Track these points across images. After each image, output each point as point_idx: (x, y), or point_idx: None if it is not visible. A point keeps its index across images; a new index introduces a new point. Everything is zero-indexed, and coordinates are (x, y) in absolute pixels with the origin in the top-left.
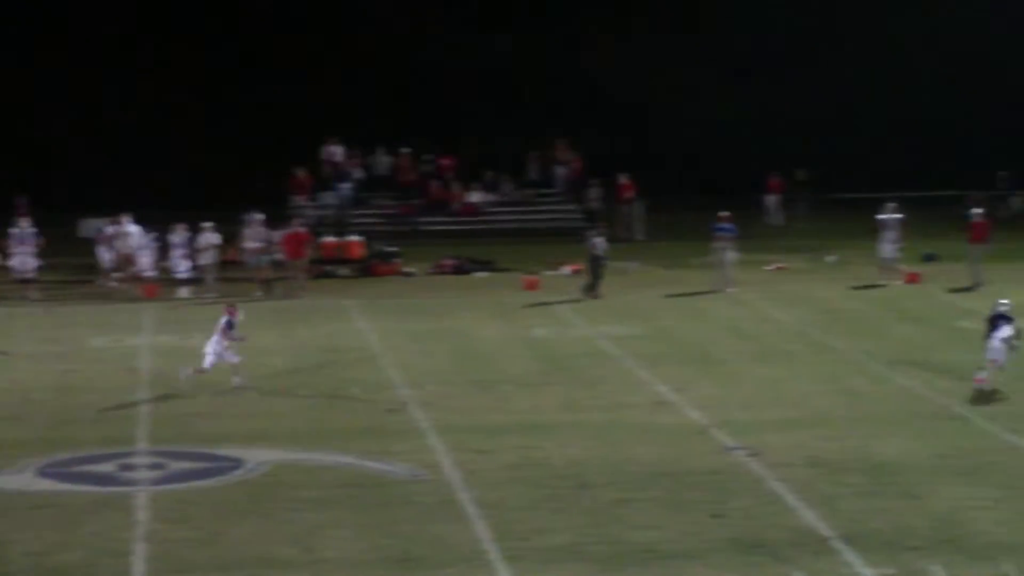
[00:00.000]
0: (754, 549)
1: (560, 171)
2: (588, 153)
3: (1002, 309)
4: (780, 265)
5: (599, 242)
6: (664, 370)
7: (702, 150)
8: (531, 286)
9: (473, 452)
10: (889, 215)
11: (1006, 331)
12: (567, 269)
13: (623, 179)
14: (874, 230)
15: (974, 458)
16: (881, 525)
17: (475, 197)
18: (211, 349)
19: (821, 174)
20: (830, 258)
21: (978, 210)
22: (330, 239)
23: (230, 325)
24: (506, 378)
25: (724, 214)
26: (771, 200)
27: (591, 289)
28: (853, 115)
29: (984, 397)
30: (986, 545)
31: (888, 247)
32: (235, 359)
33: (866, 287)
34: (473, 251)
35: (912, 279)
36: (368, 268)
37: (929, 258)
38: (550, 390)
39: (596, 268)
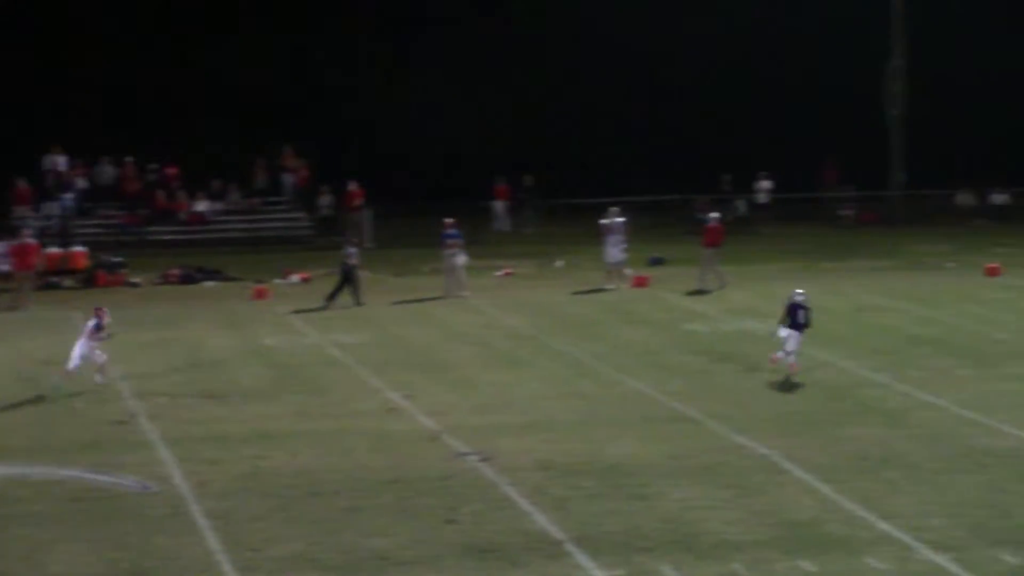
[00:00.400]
0: (487, 554)
1: (288, 179)
2: (316, 160)
3: (799, 299)
4: (508, 270)
5: (352, 252)
6: (395, 377)
7: (429, 156)
8: (260, 295)
9: (204, 463)
10: (612, 219)
11: (801, 318)
12: (296, 277)
13: (352, 186)
14: (599, 234)
15: (703, 459)
16: (613, 527)
17: (202, 206)
18: (77, 351)
19: (548, 180)
20: (558, 263)
21: (714, 214)
22: (54, 250)
23: (98, 327)
24: (237, 388)
25: (449, 220)
26: (499, 206)
27: (332, 298)
28: (581, 121)
29: (715, 399)
30: (715, 544)
31: (614, 251)
32: (102, 358)
33: (594, 291)
34: (201, 260)
35: (639, 283)
36: (92, 278)
37: (656, 262)
38: (281, 399)
39: (349, 277)
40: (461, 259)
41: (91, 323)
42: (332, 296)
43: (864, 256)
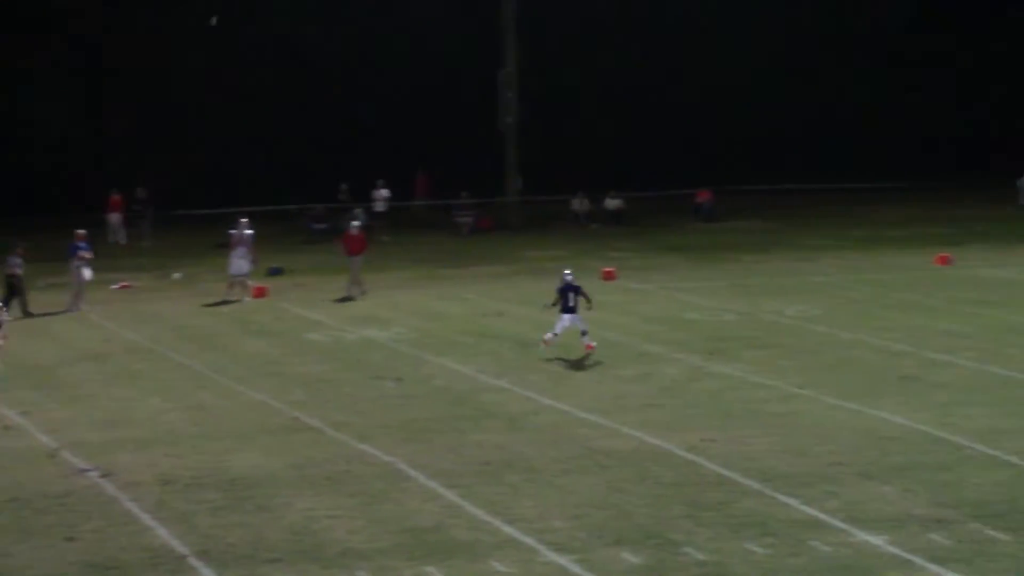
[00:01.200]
0: (109, 571)
1: None
2: None
3: (568, 279)
4: (126, 283)
5: (16, 261)
6: (11, 394)
7: (40, 168)
8: None
9: None
10: (242, 231)
11: (572, 300)
12: None
13: None
14: (225, 245)
15: (327, 468)
16: (237, 539)
17: None
18: None
19: (159, 191)
20: (176, 275)
21: (356, 222)
22: None
23: None
24: None
25: (81, 232)
26: (113, 218)
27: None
28: (207, 131)
29: (337, 408)
30: (341, 553)
31: (240, 262)
32: None
33: (215, 303)
34: None
35: (259, 293)
36: None
37: (275, 272)
38: None
39: (13, 287)
40: (87, 273)
41: None
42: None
43: (483, 262)
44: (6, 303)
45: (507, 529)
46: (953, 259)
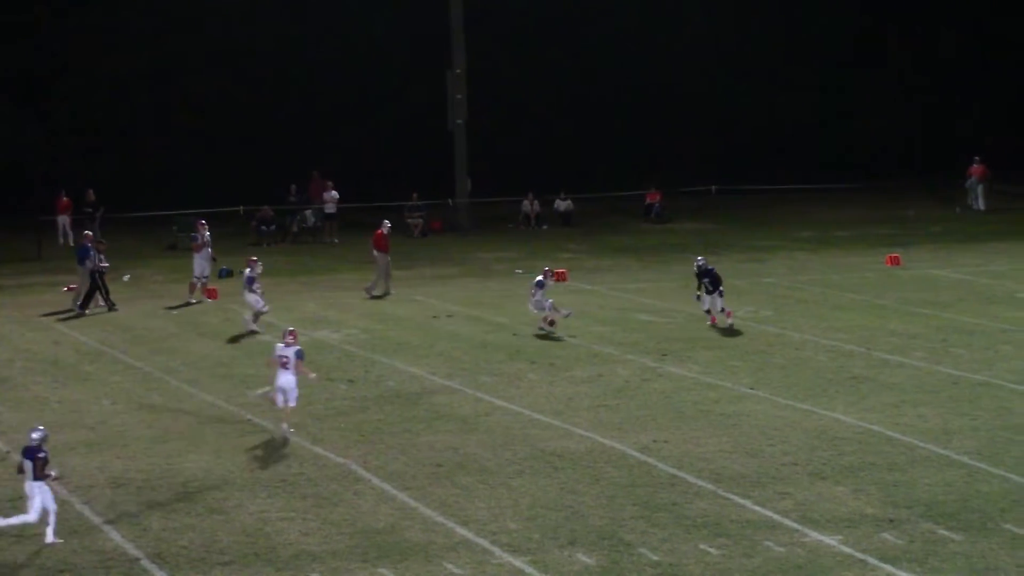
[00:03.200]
0: (61, 574)
1: None
2: None
3: (539, 278)
4: (73, 286)
5: None
6: None
7: None
8: None
9: None
10: (203, 233)
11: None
12: None
13: None
14: (174, 247)
15: (280, 470)
16: (190, 542)
17: None
18: None
19: (108, 193)
20: (125, 277)
21: (387, 222)
22: None
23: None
24: None
25: (88, 233)
26: (62, 220)
27: None
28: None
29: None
30: (295, 555)
31: (204, 264)
32: None
33: (171, 306)
34: None
35: (210, 295)
36: None
37: (225, 274)
38: None
39: None
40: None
41: None
42: None
43: (434, 264)
44: None
45: (461, 531)
46: (903, 260)
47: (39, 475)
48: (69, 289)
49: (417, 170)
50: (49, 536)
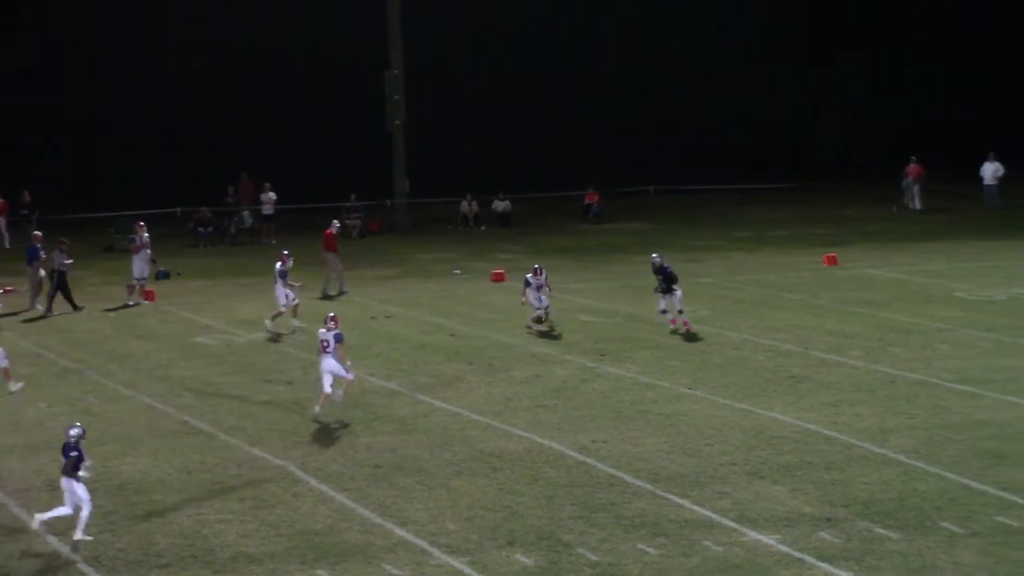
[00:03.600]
0: None
1: None
2: None
3: (530, 279)
4: (10, 288)
5: None
6: None
7: None
8: None
9: None
10: (142, 234)
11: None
12: None
13: None
14: (111, 249)
15: (217, 472)
16: (127, 545)
17: None
18: None
19: (45, 195)
20: None
21: (336, 222)
22: None
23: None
24: None
25: (37, 234)
26: None
27: None
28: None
29: (228, 412)
30: (233, 557)
31: (142, 266)
32: None
33: (109, 309)
34: None
35: (147, 296)
36: None
37: (162, 276)
38: None
39: None
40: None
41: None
42: None
43: (372, 265)
44: None
45: (399, 532)
46: (840, 259)
47: (70, 473)
48: (6, 291)
49: (355, 171)
50: (78, 532)
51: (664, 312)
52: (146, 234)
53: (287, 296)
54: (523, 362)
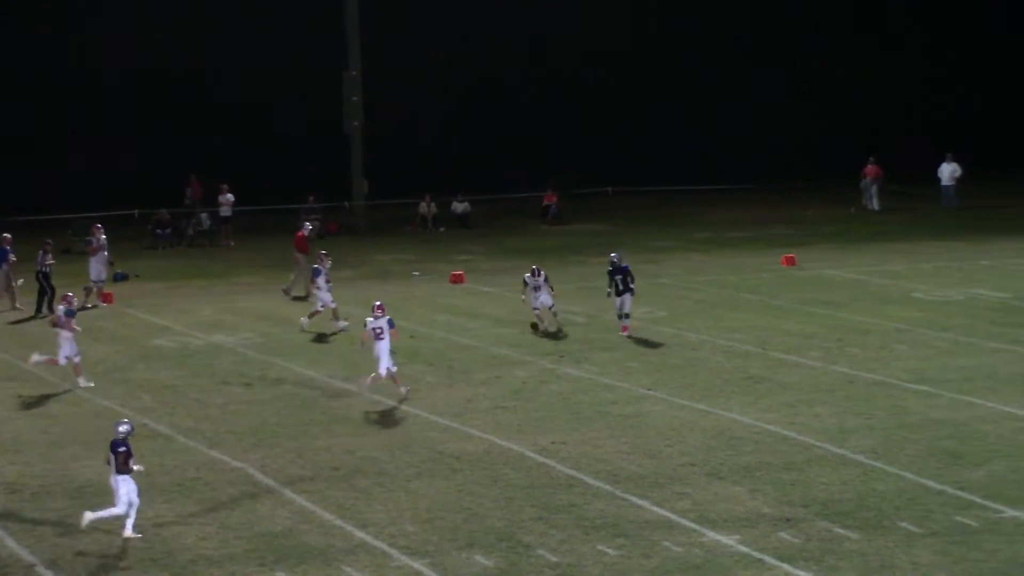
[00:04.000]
0: None
1: None
2: None
3: (526, 274)
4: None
5: None
6: None
7: None
8: None
9: None
10: (100, 237)
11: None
12: None
13: None
14: (68, 251)
15: (176, 475)
16: (86, 548)
17: None
18: None
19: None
20: (19, 281)
21: (307, 224)
22: None
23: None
24: None
25: (7, 236)
26: None
27: None
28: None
29: (186, 414)
30: (192, 560)
31: (100, 268)
32: None
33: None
34: None
35: (105, 299)
36: None
37: (120, 278)
38: None
39: None
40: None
41: None
42: None
43: (331, 266)
44: None
45: (359, 534)
46: (798, 260)
47: (121, 469)
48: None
49: (314, 173)
50: (128, 530)
51: (620, 317)
52: (103, 236)
53: (325, 299)
54: (482, 364)
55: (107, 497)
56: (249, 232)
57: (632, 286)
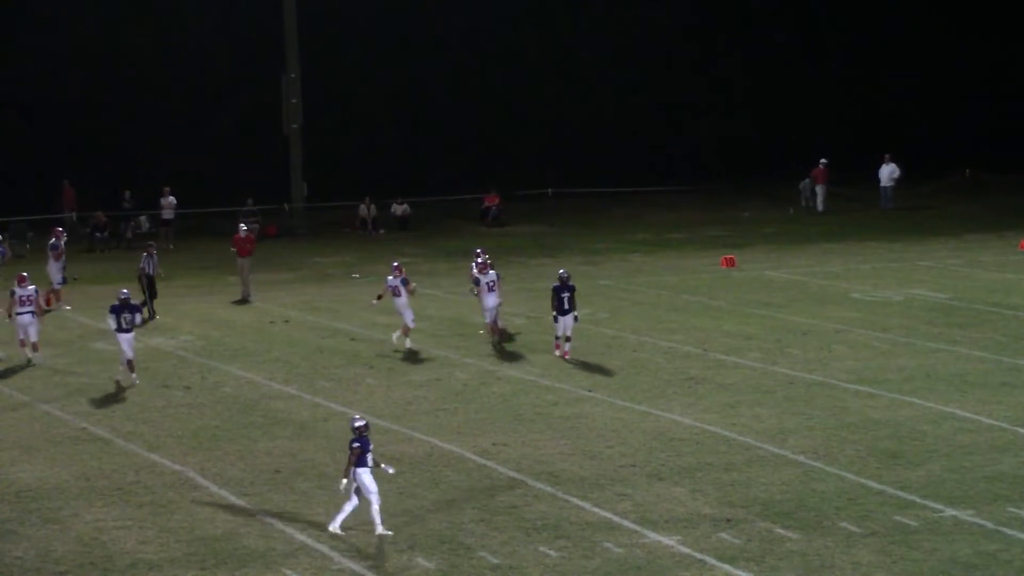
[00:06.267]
0: None
1: None
2: None
3: (479, 276)
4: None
5: None
6: None
7: None
8: None
9: None
10: (60, 241)
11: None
12: None
13: None
14: (22, 257)
15: (116, 478)
16: (25, 552)
17: None
18: None
19: None
20: None
21: (243, 225)
22: None
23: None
24: None
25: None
26: None
27: None
28: None
29: (125, 417)
30: (131, 564)
31: (57, 273)
32: None
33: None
34: None
35: (48, 302)
36: None
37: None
38: None
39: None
40: None
41: None
42: None
43: (269, 269)
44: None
45: (300, 537)
46: (738, 261)
47: (357, 462)
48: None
49: (253, 175)
50: (378, 527)
51: (557, 339)
52: (62, 240)
53: (408, 315)
54: (423, 365)
55: (45, 502)
56: (190, 235)
57: (576, 313)
